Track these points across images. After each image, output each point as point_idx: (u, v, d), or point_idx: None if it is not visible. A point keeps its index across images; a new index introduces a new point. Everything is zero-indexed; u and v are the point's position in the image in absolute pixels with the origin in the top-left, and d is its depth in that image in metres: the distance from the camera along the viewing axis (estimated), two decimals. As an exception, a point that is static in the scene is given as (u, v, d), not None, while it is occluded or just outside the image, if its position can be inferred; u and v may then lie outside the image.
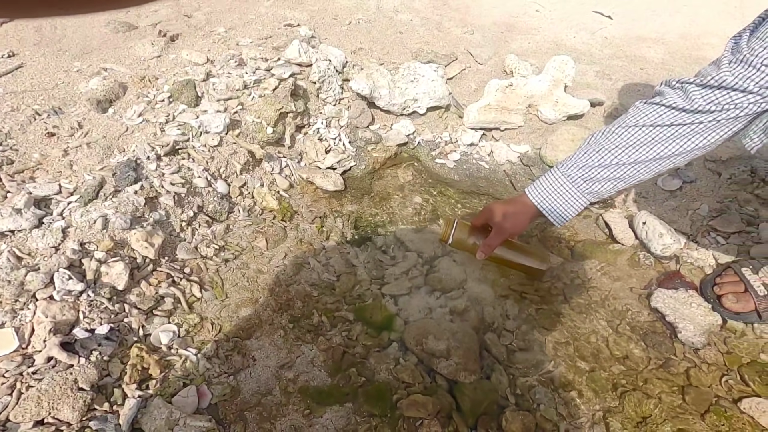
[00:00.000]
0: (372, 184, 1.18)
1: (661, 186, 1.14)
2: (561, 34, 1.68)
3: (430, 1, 1.78)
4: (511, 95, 1.24)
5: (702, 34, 1.84)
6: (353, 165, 1.18)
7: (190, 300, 0.80)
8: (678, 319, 0.83)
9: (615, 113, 1.28)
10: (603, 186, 0.75)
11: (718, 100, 0.64)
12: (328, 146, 1.19)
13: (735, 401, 0.72)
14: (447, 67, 1.39)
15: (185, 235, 0.89)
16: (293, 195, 1.09)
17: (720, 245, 1.00)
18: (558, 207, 0.78)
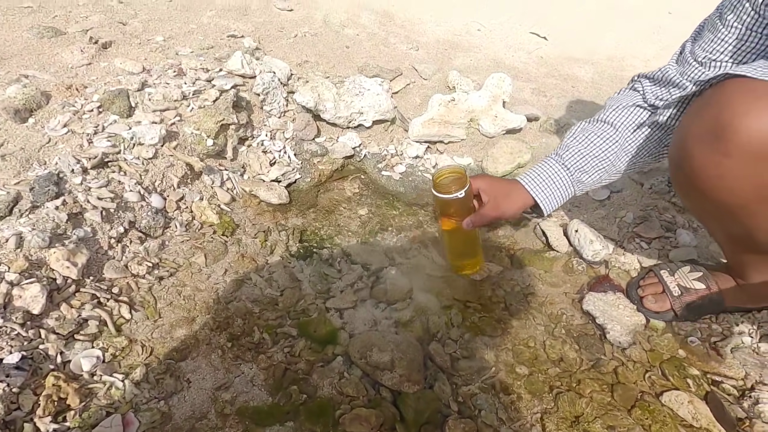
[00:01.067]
0: (318, 196, 1.17)
1: (591, 196, 1.22)
2: (500, 53, 1.77)
3: (377, 17, 1.82)
4: (453, 110, 1.28)
5: (626, 56, 2.01)
6: (298, 178, 1.17)
7: (117, 322, 0.75)
8: (607, 321, 0.88)
9: (549, 128, 1.35)
10: (591, 177, 0.81)
11: (662, 95, 0.73)
12: (273, 159, 1.17)
13: (657, 395, 0.77)
14: (392, 82, 1.42)
15: (114, 253, 0.83)
16: (235, 208, 1.06)
17: (644, 250, 1.08)
18: (550, 195, 0.81)
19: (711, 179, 0.63)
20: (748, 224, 0.67)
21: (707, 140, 0.61)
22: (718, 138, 0.59)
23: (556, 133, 1.35)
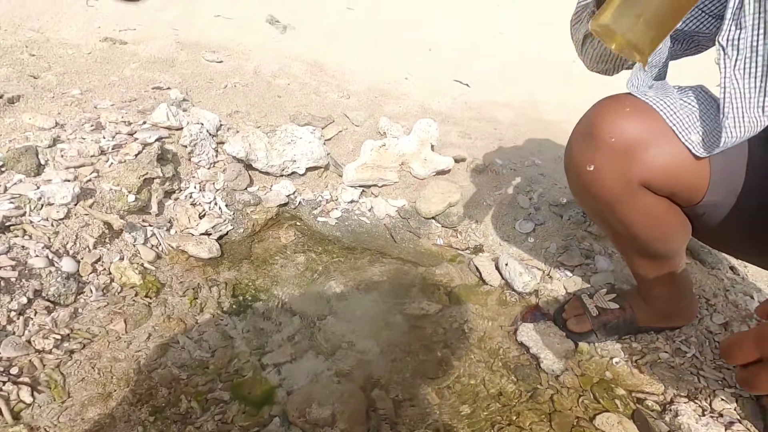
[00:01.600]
0: (252, 247, 1.14)
1: (518, 229, 1.29)
2: (428, 100, 1.88)
3: (308, 67, 1.88)
4: (385, 154, 1.33)
5: (540, 101, 2.21)
6: (230, 229, 1.14)
7: (16, 408, 0.66)
8: (540, 350, 0.92)
9: (476, 168, 1.44)
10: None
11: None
12: (203, 211, 1.13)
13: (591, 419, 0.80)
14: (325, 129, 1.45)
15: (14, 328, 0.75)
16: (161, 266, 1.00)
17: (568, 277, 1.16)
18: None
19: (586, 172, 0.72)
20: (625, 220, 0.75)
21: (582, 138, 0.72)
22: (590, 135, 0.70)
23: (482, 172, 1.43)
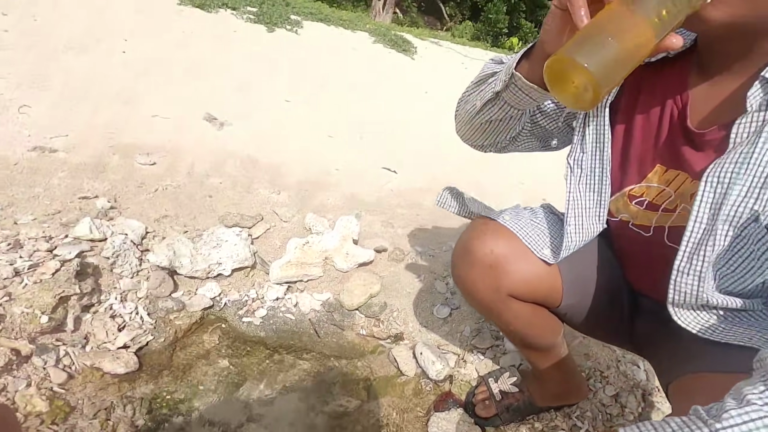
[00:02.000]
0: (173, 355, 1.15)
1: (436, 315, 1.40)
2: (356, 189, 2.04)
3: (242, 163, 2.00)
4: (308, 251, 1.42)
5: (461, 183, 2.45)
6: (151, 339, 1.15)
7: None
8: (449, 441, 0.98)
9: (396, 257, 1.56)
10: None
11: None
12: (122, 323, 1.14)
13: None
14: (253, 228, 1.53)
15: None
16: (73, 387, 0.99)
17: (481, 360, 1.25)
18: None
19: (467, 285, 0.83)
20: (501, 322, 0.87)
21: (461, 257, 0.83)
22: (466, 254, 0.81)
23: (402, 261, 1.56)
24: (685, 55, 0.66)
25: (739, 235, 0.59)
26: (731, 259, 0.62)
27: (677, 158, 0.65)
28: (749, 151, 0.55)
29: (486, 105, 0.74)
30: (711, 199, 0.59)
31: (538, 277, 0.80)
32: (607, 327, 0.89)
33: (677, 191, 0.67)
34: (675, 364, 0.70)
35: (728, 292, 0.65)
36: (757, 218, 0.56)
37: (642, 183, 0.71)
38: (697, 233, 0.61)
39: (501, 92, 0.70)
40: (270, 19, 6.16)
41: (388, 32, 8.02)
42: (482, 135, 0.83)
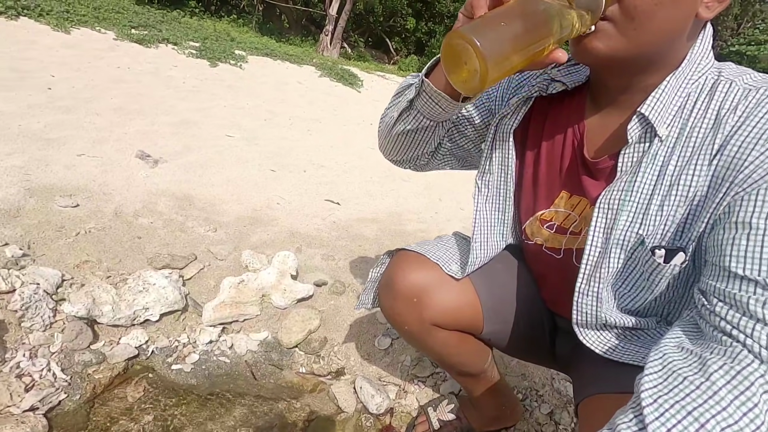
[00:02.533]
0: (90, 414, 1.06)
1: (377, 346, 1.39)
2: (297, 223, 2.02)
3: (176, 202, 1.93)
4: (244, 290, 1.38)
5: (404, 212, 2.50)
6: (64, 397, 1.05)
7: None
8: (387, 478, 0.96)
9: (336, 290, 1.55)
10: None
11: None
12: (30, 382, 1.04)
13: None
14: (185, 268, 1.47)
15: None
16: (-35, 462, 0.88)
17: (421, 389, 1.25)
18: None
19: (393, 317, 0.85)
20: (428, 350, 0.88)
21: (385, 289, 0.85)
22: (389, 287, 0.83)
23: (343, 294, 1.55)
24: (583, 89, 0.72)
25: (630, 257, 0.64)
26: (625, 280, 0.67)
27: (578, 185, 0.71)
28: (632, 180, 0.61)
29: (401, 115, 0.76)
30: (603, 224, 0.64)
31: (458, 305, 0.83)
32: (531, 349, 0.93)
33: (581, 215, 0.72)
34: (583, 385, 0.73)
35: (625, 310, 0.70)
36: (643, 242, 0.62)
37: (551, 208, 0.76)
38: (594, 256, 0.66)
39: (414, 100, 0.72)
40: (213, 54, 6.15)
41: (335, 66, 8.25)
42: (400, 148, 0.84)
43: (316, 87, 6.31)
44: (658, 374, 0.45)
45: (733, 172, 0.53)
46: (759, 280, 0.47)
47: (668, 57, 0.59)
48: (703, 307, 0.52)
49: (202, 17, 11.58)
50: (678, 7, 0.53)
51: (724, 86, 0.57)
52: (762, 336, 0.44)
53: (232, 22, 12.93)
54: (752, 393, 0.41)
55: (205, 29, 8.31)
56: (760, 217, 0.49)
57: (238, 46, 7.43)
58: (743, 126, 0.53)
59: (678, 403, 0.42)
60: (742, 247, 0.49)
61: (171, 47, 5.88)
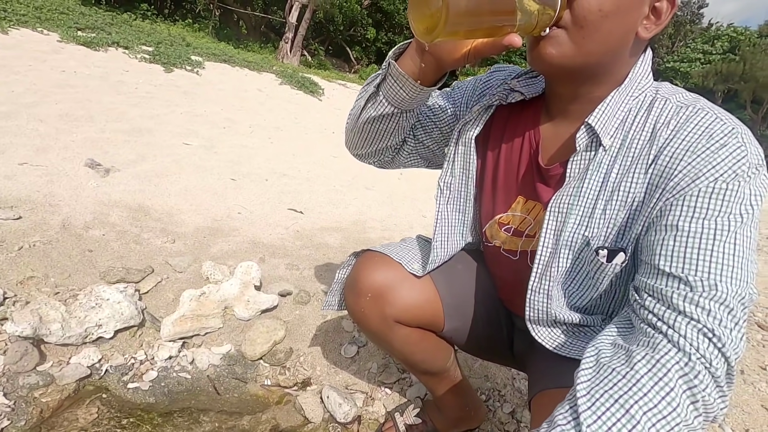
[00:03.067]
0: (37, 440, 0.99)
1: (344, 354, 1.39)
2: (259, 233, 1.99)
3: (130, 213, 1.85)
4: (205, 302, 1.35)
5: (367, 220, 2.52)
6: (7, 424, 0.98)
7: None
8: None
9: (301, 299, 1.54)
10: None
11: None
12: (-32, 410, 0.96)
13: None
14: (142, 282, 1.41)
15: None
16: None
17: (388, 395, 1.26)
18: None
19: (357, 314, 0.87)
20: (392, 348, 0.90)
21: (350, 287, 0.87)
22: (354, 286, 0.85)
23: (308, 303, 1.54)
24: (540, 100, 0.77)
25: (577, 258, 0.69)
26: (573, 279, 0.72)
27: (533, 190, 0.75)
28: (579, 186, 0.66)
29: (368, 101, 0.77)
30: (554, 227, 0.69)
31: (419, 303, 0.86)
32: (491, 347, 0.97)
33: (536, 219, 0.76)
34: (536, 381, 0.77)
35: (572, 308, 0.75)
36: (589, 243, 0.67)
37: (508, 212, 0.80)
38: (545, 256, 0.70)
39: (380, 85, 0.72)
40: (167, 59, 5.95)
41: (296, 74, 8.20)
42: (366, 139, 0.84)
43: (276, 95, 6.24)
44: (592, 368, 0.50)
45: (665, 179, 0.58)
46: (682, 277, 0.52)
47: (612, 71, 0.65)
48: (635, 302, 0.57)
49: (155, 21, 11.15)
50: (621, 21, 0.59)
51: (660, 103, 0.63)
52: (682, 326, 0.50)
53: (187, 26, 12.55)
54: (669, 379, 0.46)
55: (159, 33, 8.03)
56: (686, 220, 0.55)
57: (194, 51, 7.23)
58: (674, 139, 0.59)
59: (607, 392, 0.46)
60: (669, 247, 0.55)
61: (122, 51, 5.64)
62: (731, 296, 0.51)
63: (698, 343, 0.48)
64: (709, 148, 0.56)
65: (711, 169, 0.55)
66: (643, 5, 0.60)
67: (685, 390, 0.47)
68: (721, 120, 0.58)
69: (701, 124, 0.58)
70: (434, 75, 0.69)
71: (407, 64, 0.68)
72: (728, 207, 0.54)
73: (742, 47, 23.00)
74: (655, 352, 0.49)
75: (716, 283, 0.51)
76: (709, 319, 0.49)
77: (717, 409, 0.48)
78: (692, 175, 0.56)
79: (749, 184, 0.55)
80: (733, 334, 0.49)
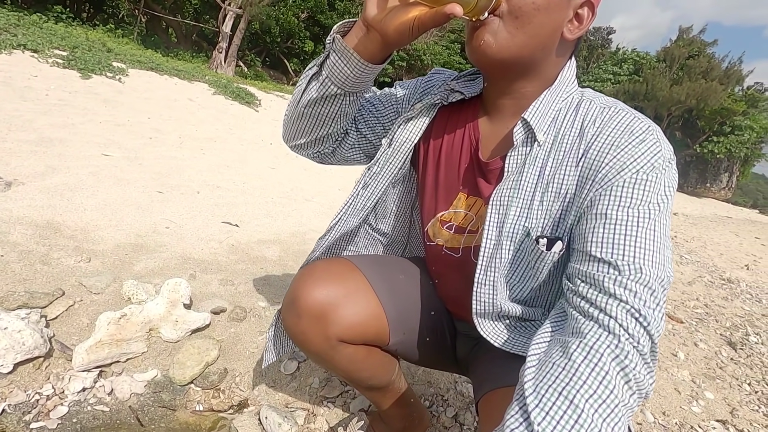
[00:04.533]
0: None
1: (283, 371, 1.33)
2: (189, 248, 1.87)
3: (35, 230, 1.66)
4: (126, 325, 1.23)
5: (306, 231, 2.46)
6: None
7: None
8: None
9: (237, 316, 1.46)
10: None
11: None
12: None
13: None
14: (49, 307, 1.26)
15: None
16: None
17: (331, 410, 1.22)
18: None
19: (298, 335, 0.82)
20: (336, 368, 0.87)
21: (289, 307, 0.82)
22: (293, 305, 0.81)
23: (244, 320, 1.46)
24: (478, 99, 0.80)
25: (519, 249, 0.72)
26: (515, 271, 0.74)
27: (475, 186, 0.77)
28: (518, 179, 0.69)
29: (310, 82, 0.75)
30: (496, 219, 0.71)
31: (364, 319, 0.83)
32: (435, 355, 0.97)
33: (477, 214, 0.78)
34: (481, 383, 0.78)
35: (516, 300, 0.77)
36: (529, 233, 0.70)
37: (450, 209, 0.81)
38: (489, 248, 0.72)
39: (323, 63, 0.72)
40: (85, 65, 5.49)
41: (230, 84, 7.94)
42: (306, 125, 0.82)
43: (209, 105, 5.98)
44: (536, 366, 0.51)
45: (593, 172, 0.63)
46: (611, 261, 0.56)
47: (542, 69, 0.69)
48: (568, 290, 0.60)
49: (70, 24, 10.26)
50: (550, 18, 0.64)
51: (586, 104, 0.69)
52: (612, 308, 0.53)
53: (108, 31, 11.69)
54: (603, 362, 0.49)
55: (75, 37, 7.40)
56: (613, 209, 0.59)
57: (116, 57, 6.74)
58: (600, 135, 0.64)
59: (551, 387, 0.47)
60: (599, 233, 0.59)
61: (29, 54, 5.12)
62: (653, 279, 0.55)
63: (627, 323, 0.52)
64: (631, 143, 0.62)
65: (633, 162, 0.60)
66: (569, 9, 0.65)
67: (619, 371, 0.49)
68: (639, 119, 0.64)
69: (622, 122, 0.64)
70: (380, 52, 0.69)
71: (352, 40, 0.68)
72: (648, 196, 0.59)
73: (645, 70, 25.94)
74: (588, 339, 0.51)
75: (641, 267, 0.55)
76: (635, 300, 0.53)
77: (647, 385, 0.51)
78: (618, 167, 0.60)
79: (664, 175, 0.61)
80: (655, 313, 0.53)
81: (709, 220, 9.95)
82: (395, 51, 0.73)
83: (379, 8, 0.64)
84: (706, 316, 2.56)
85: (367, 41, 0.67)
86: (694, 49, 26.35)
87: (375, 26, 0.65)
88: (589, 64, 29.10)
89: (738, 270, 4.17)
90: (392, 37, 0.65)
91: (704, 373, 1.78)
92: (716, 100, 22.24)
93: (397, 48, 0.69)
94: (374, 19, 0.64)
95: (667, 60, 26.38)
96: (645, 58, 27.63)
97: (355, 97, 0.78)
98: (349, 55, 0.68)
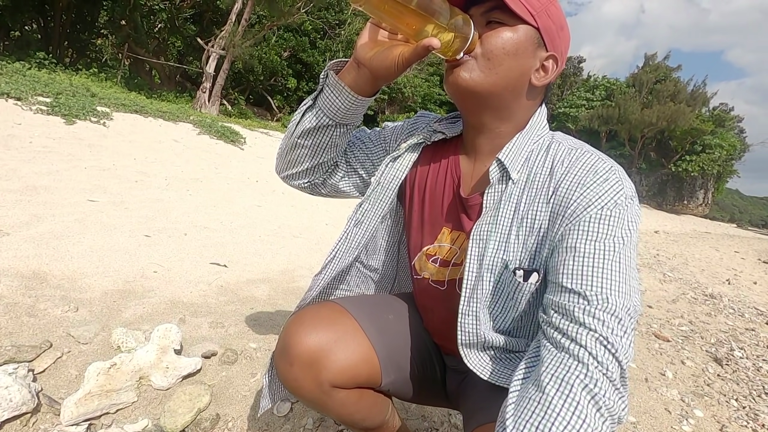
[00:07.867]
0: None
1: (276, 413, 1.32)
2: (178, 291, 1.86)
3: (21, 281, 1.64)
4: (116, 375, 1.22)
5: (296, 268, 2.47)
6: None
7: None
8: None
9: (228, 359, 1.45)
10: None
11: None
12: None
13: None
14: (37, 360, 1.24)
15: None
16: None
17: (327, 451, 1.21)
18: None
19: (290, 382, 0.83)
20: (330, 413, 0.87)
21: (281, 355, 0.83)
22: (285, 353, 0.82)
23: (236, 362, 1.45)
24: (459, 139, 0.87)
25: (498, 280, 0.76)
26: (498, 301, 0.78)
27: (457, 221, 0.82)
28: (495, 215, 0.74)
29: (305, 115, 0.82)
30: (477, 252, 0.75)
31: (355, 363, 0.84)
32: (426, 392, 0.98)
33: (461, 248, 0.82)
34: (470, 417, 0.80)
35: (499, 330, 0.81)
36: (507, 266, 0.74)
37: (435, 243, 0.85)
38: (471, 280, 0.76)
39: (318, 97, 0.78)
40: (69, 111, 5.53)
41: (215, 123, 8.04)
42: (298, 155, 0.87)
43: (194, 145, 6.04)
44: (515, 403, 0.54)
45: (563, 208, 0.69)
46: (581, 292, 0.61)
47: (513, 110, 0.76)
48: (543, 321, 0.64)
49: (53, 70, 10.36)
50: (518, 63, 0.71)
51: (555, 146, 0.75)
52: (582, 337, 0.57)
53: (92, 75, 11.80)
54: (574, 393, 0.52)
55: (59, 83, 7.47)
56: (581, 242, 0.64)
57: (100, 102, 6.81)
58: (568, 174, 0.70)
59: (528, 422, 0.51)
60: (569, 266, 0.63)
61: (12, 102, 5.15)
62: (620, 308, 0.59)
63: (596, 351, 0.55)
64: (595, 182, 0.68)
65: (598, 199, 0.66)
66: (535, 59, 0.73)
67: (590, 400, 0.52)
68: (602, 160, 0.71)
69: (588, 162, 0.70)
70: (370, 86, 0.76)
71: (344, 76, 0.76)
72: (613, 230, 0.64)
73: (616, 95, 27.14)
74: (559, 372, 0.54)
75: (607, 297, 0.60)
76: (603, 328, 0.57)
77: (619, 410, 0.54)
78: (584, 204, 0.66)
79: (627, 211, 0.66)
80: (623, 340, 0.57)
81: (689, 237, 10.21)
82: (383, 85, 0.81)
83: (368, 48, 0.73)
84: (692, 333, 2.61)
85: (358, 77, 0.75)
86: (661, 74, 27.81)
87: (365, 63, 0.73)
88: (563, 91, 30.34)
89: (720, 285, 4.28)
90: (380, 73, 0.73)
91: (693, 391, 1.81)
92: (685, 121, 23.32)
93: (386, 83, 0.77)
94: (364, 57, 0.72)
95: (636, 85, 27.72)
96: (615, 84, 28.96)
97: (346, 129, 0.84)
98: (341, 88, 0.76)
